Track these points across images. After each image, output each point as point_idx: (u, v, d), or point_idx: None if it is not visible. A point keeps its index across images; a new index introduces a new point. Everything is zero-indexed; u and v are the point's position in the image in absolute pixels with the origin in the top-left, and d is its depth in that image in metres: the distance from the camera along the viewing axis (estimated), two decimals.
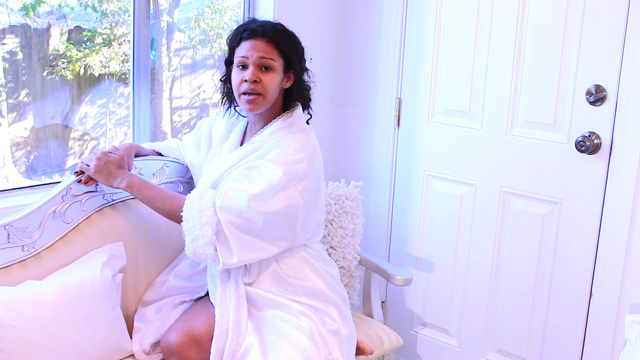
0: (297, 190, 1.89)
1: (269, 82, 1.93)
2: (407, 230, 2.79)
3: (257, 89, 1.92)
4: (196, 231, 1.84)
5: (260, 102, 1.95)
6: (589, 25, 2.20)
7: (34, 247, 1.92)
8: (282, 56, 1.95)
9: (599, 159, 2.24)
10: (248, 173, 1.90)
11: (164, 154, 2.23)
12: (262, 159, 1.92)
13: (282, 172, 1.86)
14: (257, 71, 1.92)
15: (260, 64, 1.92)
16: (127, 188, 1.95)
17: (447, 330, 2.74)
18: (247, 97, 1.93)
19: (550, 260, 2.40)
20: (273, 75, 1.94)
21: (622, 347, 2.23)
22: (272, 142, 1.95)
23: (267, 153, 1.93)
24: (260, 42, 1.92)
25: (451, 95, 2.58)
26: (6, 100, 2.31)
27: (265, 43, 1.92)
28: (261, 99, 1.94)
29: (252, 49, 1.92)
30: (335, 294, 2.04)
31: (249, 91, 1.92)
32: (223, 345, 1.86)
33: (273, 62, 1.93)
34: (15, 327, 1.72)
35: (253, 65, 1.92)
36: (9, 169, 2.39)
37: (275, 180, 1.85)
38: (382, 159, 2.80)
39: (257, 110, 1.97)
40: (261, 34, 1.93)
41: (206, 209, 1.84)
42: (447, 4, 2.54)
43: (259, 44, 1.92)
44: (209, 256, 1.85)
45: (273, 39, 1.93)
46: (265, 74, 1.93)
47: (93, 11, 2.45)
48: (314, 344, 1.86)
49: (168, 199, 1.94)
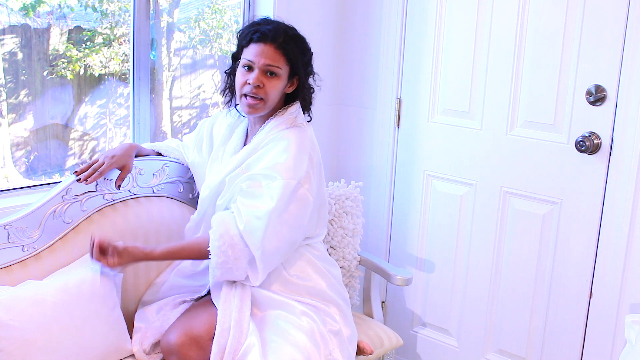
0: (307, 190, 1.91)
1: (272, 88, 1.94)
2: (407, 230, 2.79)
3: (259, 93, 1.94)
4: (229, 264, 1.87)
5: (260, 107, 1.96)
6: (589, 25, 2.20)
7: (34, 247, 1.92)
8: (289, 64, 1.96)
9: (599, 159, 2.24)
10: (257, 185, 1.91)
11: (164, 154, 2.23)
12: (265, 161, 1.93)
13: (291, 176, 1.88)
14: (262, 76, 1.93)
15: (266, 70, 1.93)
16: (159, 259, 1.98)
17: (447, 330, 2.74)
18: (248, 100, 1.95)
19: (550, 260, 2.40)
20: (277, 82, 1.95)
21: (622, 347, 2.23)
22: (269, 139, 1.96)
23: (266, 153, 1.94)
24: (269, 47, 1.93)
25: (451, 95, 2.58)
26: (6, 100, 2.31)
27: (274, 49, 1.93)
28: (262, 104, 1.96)
29: (259, 54, 1.93)
30: (337, 295, 2.05)
31: (250, 94, 1.94)
32: (224, 344, 1.86)
33: (279, 69, 1.94)
34: (15, 327, 1.72)
35: (258, 70, 1.93)
36: (9, 169, 2.39)
37: (285, 188, 1.88)
38: (382, 159, 2.80)
39: (256, 114, 1.99)
40: (271, 39, 1.93)
41: (237, 243, 1.85)
42: (447, 4, 2.54)
43: (267, 50, 1.92)
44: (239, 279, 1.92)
45: (282, 45, 1.93)
46: (269, 79, 1.94)
47: (93, 11, 2.45)
48: (314, 344, 1.86)
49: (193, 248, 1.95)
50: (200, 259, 1.96)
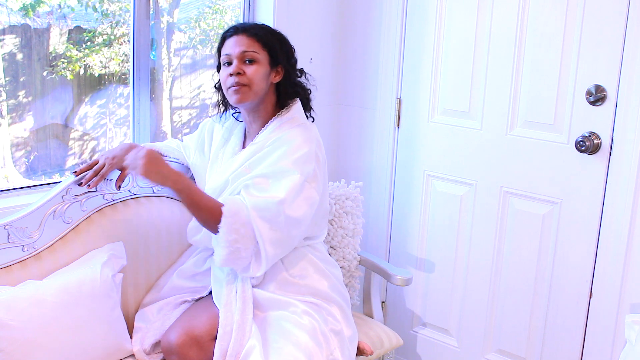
0: (313, 188, 1.92)
1: (253, 73, 1.95)
2: (407, 230, 2.79)
3: (242, 80, 1.95)
4: (239, 244, 1.84)
5: (246, 92, 1.96)
6: (589, 25, 2.20)
7: (34, 247, 1.92)
8: (266, 49, 1.98)
9: (599, 159, 2.24)
10: (264, 181, 1.91)
11: (164, 154, 2.22)
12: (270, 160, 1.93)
13: (299, 174, 1.89)
14: (241, 64, 1.96)
15: (243, 57, 1.96)
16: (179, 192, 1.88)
17: (447, 330, 2.74)
18: (233, 88, 1.96)
19: (550, 260, 2.40)
20: (257, 67, 1.96)
21: (622, 347, 2.23)
22: (274, 139, 1.96)
23: (272, 151, 1.94)
24: (242, 37, 1.97)
25: (451, 95, 2.58)
26: (6, 100, 2.31)
27: (247, 37, 1.97)
28: (247, 89, 1.96)
29: (234, 44, 1.97)
30: (338, 295, 2.05)
31: (234, 84, 1.95)
32: (226, 347, 1.86)
33: (256, 54, 1.96)
34: (15, 327, 1.72)
35: (237, 60, 1.96)
36: (9, 169, 2.39)
37: (293, 183, 1.88)
38: (382, 159, 2.80)
39: (245, 100, 1.97)
40: (242, 30, 1.98)
41: (249, 223, 1.84)
42: (447, 4, 2.54)
43: (240, 39, 1.97)
44: (242, 266, 1.88)
45: (253, 32, 1.98)
46: (248, 66, 1.96)
47: (93, 11, 2.45)
48: (316, 343, 1.86)
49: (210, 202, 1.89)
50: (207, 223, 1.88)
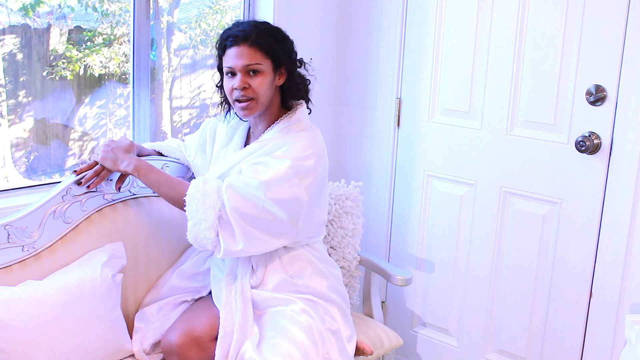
0: (303, 186, 1.89)
1: (258, 85, 1.93)
2: (407, 230, 2.79)
3: (248, 94, 1.93)
4: (199, 215, 1.83)
5: (254, 107, 1.95)
6: (589, 25, 2.20)
7: (34, 247, 1.92)
8: (269, 57, 1.94)
9: (599, 159, 2.24)
10: (254, 168, 1.90)
11: (165, 154, 2.23)
12: (268, 156, 1.92)
13: (289, 165, 1.87)
14: (245, 77, 1.92)
15: (247, 69, 1.92)
16: (133, 172, 1.95)
17: (447, 330, 2.74)
18: (241, 104, 1.94)
19: (550, 260, 2.40)
20: (262, 78, 1.93)
21: (622, 347, 2.23)
22: (277, 140, 1.96)
23: (273, 150, 1.94)
24: (244, 47, 1.92)
25: (451, 95, 2.58)
26: (6, 100, 2.31)
27: (249, 47, 1.92)
28: (254, 103, 1.95)
29: (236, 57, 1.92)
30: (337, 295, 2.05)
31: (240, 98, 1.93)
32: (227, 348, 1.86)
33: (260, 65, 1.93)
34: (15, 327, 1.72)
35: (240, 73, 1.92)
36: (9, 169, 2.39)
37: (281, 171, 1.86)
38: (382, 159, 2.80)
39: (253, 114, 1.98)
40: (243, 39, 1.92)
41: (210, 194, 1.84)
42: (447, 4, 2.54)
43: (242, 51, 1.92)
44: (210, 241, 1.84)
45: (256, 41, 1.92)
46: (253, 78, 1.93)
47: (93, 11, 2.45)
48: (312, 342, 1.86)
49: (174, 184, 1.93)
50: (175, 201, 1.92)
